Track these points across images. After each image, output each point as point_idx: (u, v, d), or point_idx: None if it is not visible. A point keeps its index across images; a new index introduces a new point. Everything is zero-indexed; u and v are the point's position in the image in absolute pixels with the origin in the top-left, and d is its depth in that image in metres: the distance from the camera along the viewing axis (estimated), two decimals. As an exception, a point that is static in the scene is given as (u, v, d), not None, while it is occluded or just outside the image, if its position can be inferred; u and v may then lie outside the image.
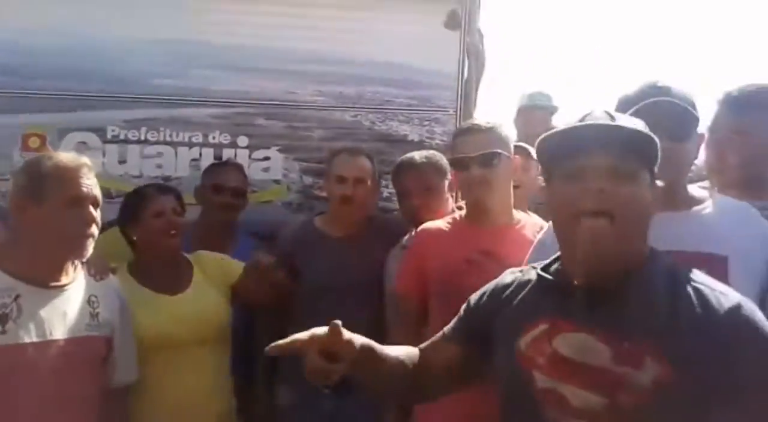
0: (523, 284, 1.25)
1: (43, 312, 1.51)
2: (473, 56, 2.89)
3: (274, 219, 2.62)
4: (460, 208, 2.12)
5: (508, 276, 1.30)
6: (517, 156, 1.96)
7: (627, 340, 1.04)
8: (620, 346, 1.04)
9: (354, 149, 2.40)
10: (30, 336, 1.48)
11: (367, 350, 1.21)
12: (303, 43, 2.79)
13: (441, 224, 1.95)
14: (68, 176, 1.53)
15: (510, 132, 1.97)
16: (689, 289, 1.08)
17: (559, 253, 1.22)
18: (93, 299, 1.64)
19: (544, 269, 1.22)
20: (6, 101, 2.67)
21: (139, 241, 1.99)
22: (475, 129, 1.89)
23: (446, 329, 1.36)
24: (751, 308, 1.06)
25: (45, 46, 2.68)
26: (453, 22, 2.85)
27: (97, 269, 1.72)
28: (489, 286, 1.32)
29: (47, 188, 1.50)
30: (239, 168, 2.57)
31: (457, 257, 1.79)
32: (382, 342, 1.70)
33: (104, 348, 1.65)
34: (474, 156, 1.83)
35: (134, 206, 1.98)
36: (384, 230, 2.35)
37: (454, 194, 2.49)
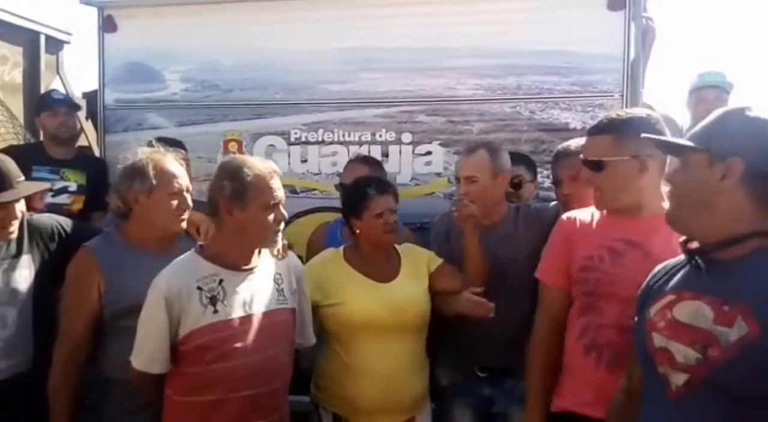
0: (672, 265, 1.34)
1: (242, 291, 1.78)
2: (639, 37, 2.75)
3: (437, 210, 2.73)
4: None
5: (667, 263, 1.38)
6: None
7: (728, 304, 1.14)
8: (721, 309, 1.14)
9: (471, 146, 2.40)
10: (236, 312, 1.75)
11: None
12: (460, 40, 2.89)
13: (585, 212, 1.90)
14: (266, 186, 1.76)
15: (629, 126, 1.72)
16: None
17: None
18: (277, 276, 1.88)
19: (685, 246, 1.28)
20: (209, 112, 3.15)
21: (360, 234, 2.21)
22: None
23: None
24: None
25: (236, 62, 3.11)
26: (617, 2, 2.75)
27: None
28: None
29: (250, 196, 1.74)
30: (375, 163, 2.70)
31: (598, 245, 1.75)
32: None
33: (292, 317, 1.91)
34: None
35: (357, 203, 2.18)
36: (532, 219, 2.32)
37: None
